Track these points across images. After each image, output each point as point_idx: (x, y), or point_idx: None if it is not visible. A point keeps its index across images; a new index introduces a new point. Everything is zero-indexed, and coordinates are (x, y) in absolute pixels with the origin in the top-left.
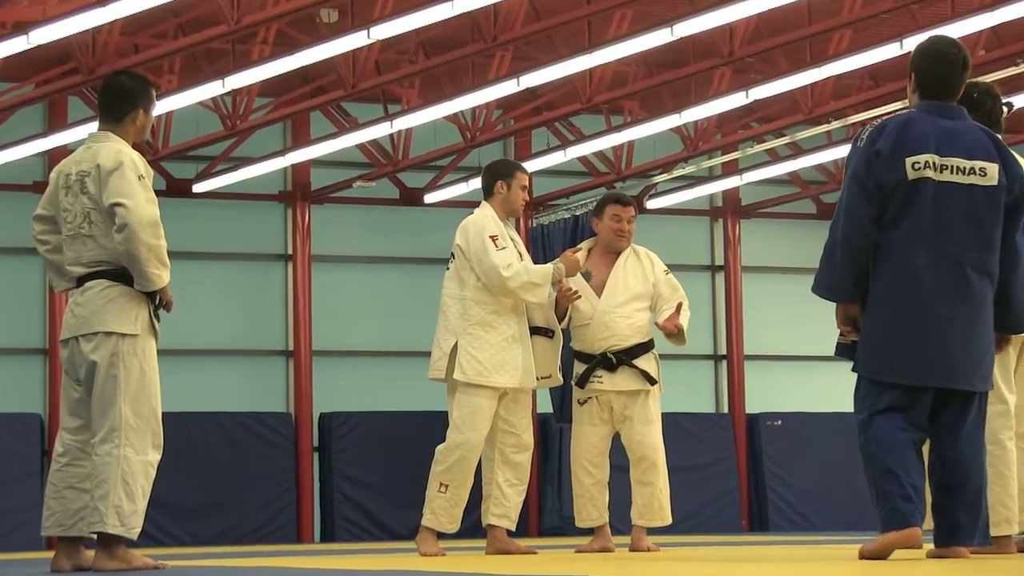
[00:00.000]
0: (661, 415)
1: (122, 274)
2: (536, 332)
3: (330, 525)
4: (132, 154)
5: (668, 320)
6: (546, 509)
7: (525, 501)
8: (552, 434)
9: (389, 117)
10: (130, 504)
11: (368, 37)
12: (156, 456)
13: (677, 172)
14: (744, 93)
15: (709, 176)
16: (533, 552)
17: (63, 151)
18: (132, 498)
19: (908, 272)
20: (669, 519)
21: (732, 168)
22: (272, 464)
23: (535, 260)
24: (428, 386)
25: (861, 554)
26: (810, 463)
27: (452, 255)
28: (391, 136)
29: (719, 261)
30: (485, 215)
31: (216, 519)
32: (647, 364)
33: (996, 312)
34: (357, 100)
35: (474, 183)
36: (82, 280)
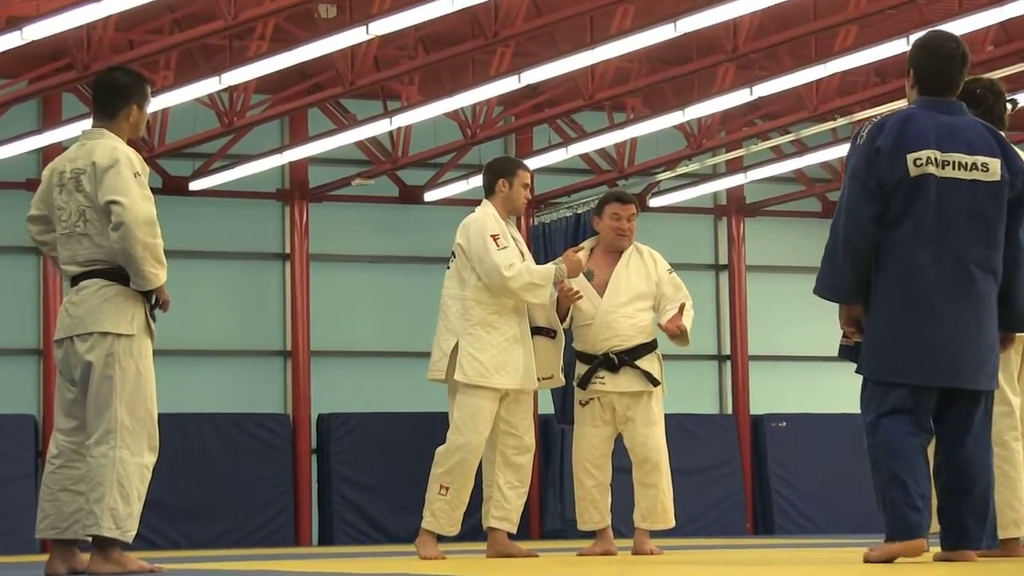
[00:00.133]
0: (664, 416)
1: (118, 273)
2: (538, 332)
3: (328, 528)
4: (128, 151)
5: (671, 321)
6: (547, 512)
7: (526, 503)
8: (554, 435)
9: (388, 114)
10: (125, 507)
11: (367, 33)
12: (152, 458)
13: (680, 170)
14: (748, 90)
15: (713, 174)
16: (534, 555)
17: (57, 148)
18: (127, 501)
19: (912, 271)
20: (672, 522)
21: (736, 166)
22: (270, 466)
23: (536, 259)
24: (428, 387)
25: (866, 559)
26: (815, 465)
27: (453, 254)
28: (390, 133)
29: (723, 260)
30: (486, 214)
31: (213, 522)
32: (650, 365)
33: (999, 310)
34: (356, 97)
35: (474, 181)
36: (77, 279)
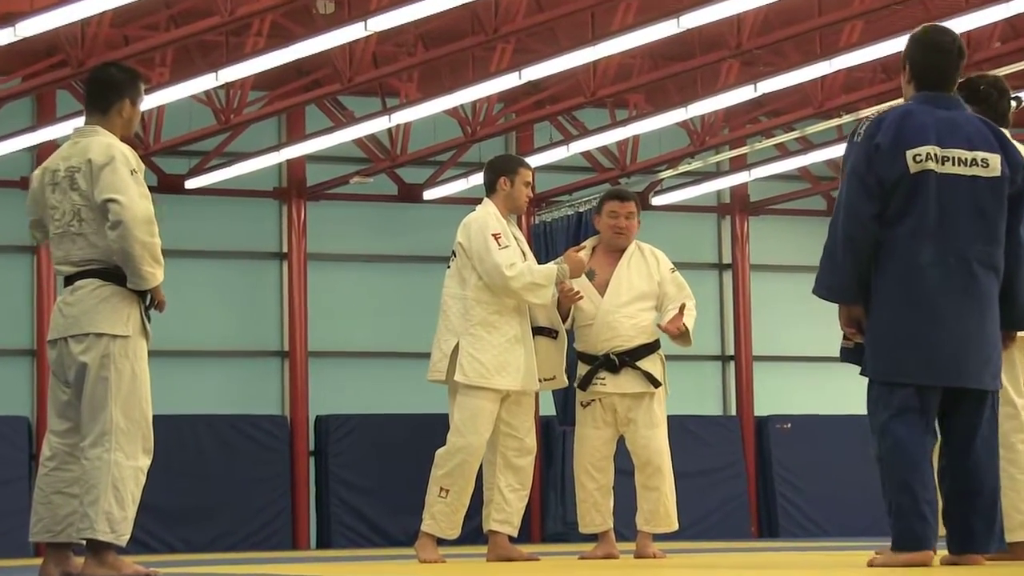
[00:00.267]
0: (667, 418)
1: (113, 273)
2: (539, 333)
3: (327, 531)
4: (123, 148)
5: (671, 322)
6: (549, 515)
7: (527, 506)
8: (555, 437)
9: (387, 111)
10: (120, 510)
11: (365, 29)
12: (146, 461)
13: (683, 168)
14: (753, 86)
15: (716, 172)
16: (536, 559)
17: (51, 146)
18: (122, 504)
19: (913, 269)
20: (675, 525)
21: (740, 164)
22: (267, 468)
23: (538, 258)
24: (428, 388)
25: (870, 563)
26: (821, 467)
27: (453, 253)
28: (389, 131)
29: (727, 259)
30: (488, 212)
31: (209, 525)
32: (651, 366)
33: (1000, 308)
34: (354, 94)
35: (474, 179)
36: (71, 279)
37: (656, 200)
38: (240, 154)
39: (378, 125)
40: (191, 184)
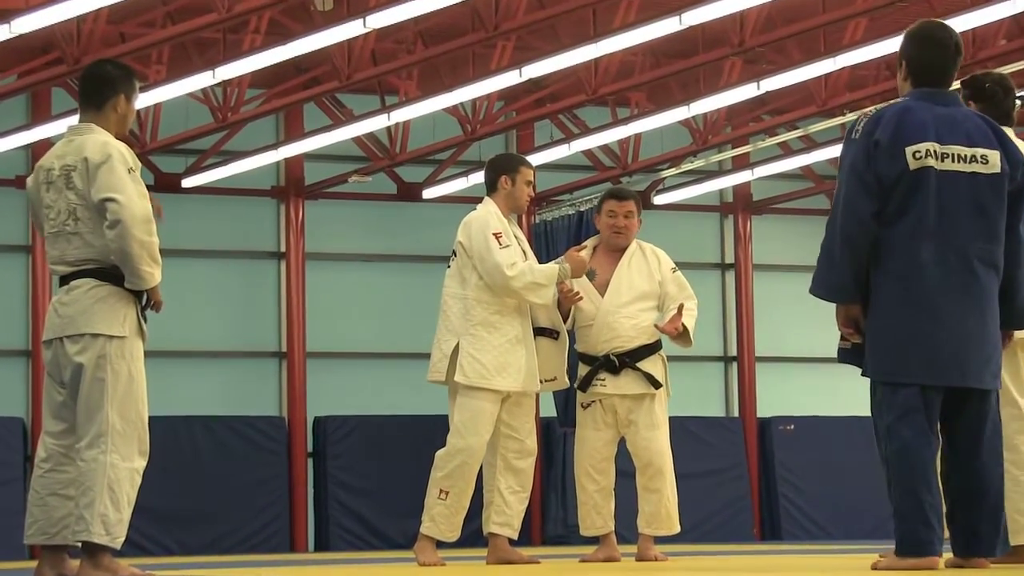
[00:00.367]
0: (669, 419)
1: (110, 273)
2: (540, 333)
3: (325, 534)
4: (119, 146)
5: (669, 323)
6: (549, 517)
7: (528, 509)
8: (556, 439)
9: (386, 109)
10: (116, 513)
11: (364, 26)
12: (142, 463)
13: (686, 166)
14: (755, 84)
15: (719, 170)
16: (536, 562)
17: (46, 144)
18: (118, 506)
19: (914, 267)
20: (677, 527)
21: (743, 162)
22: (264, 470)
23: (538, 258)
24: (427, 389)
25: (874, 567)
26: (824, 469)
27: (454, 252)
28: (388, 129)
29: (729, 259)
30: (488, 211)
31: (206, 527)
32: (652, 367)
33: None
34: (353, 91)
35: (474, 178)
36: (67, 279)
37: (658, 199)
38: (237, 152)
39: (377, 123)
40: (188, 183)
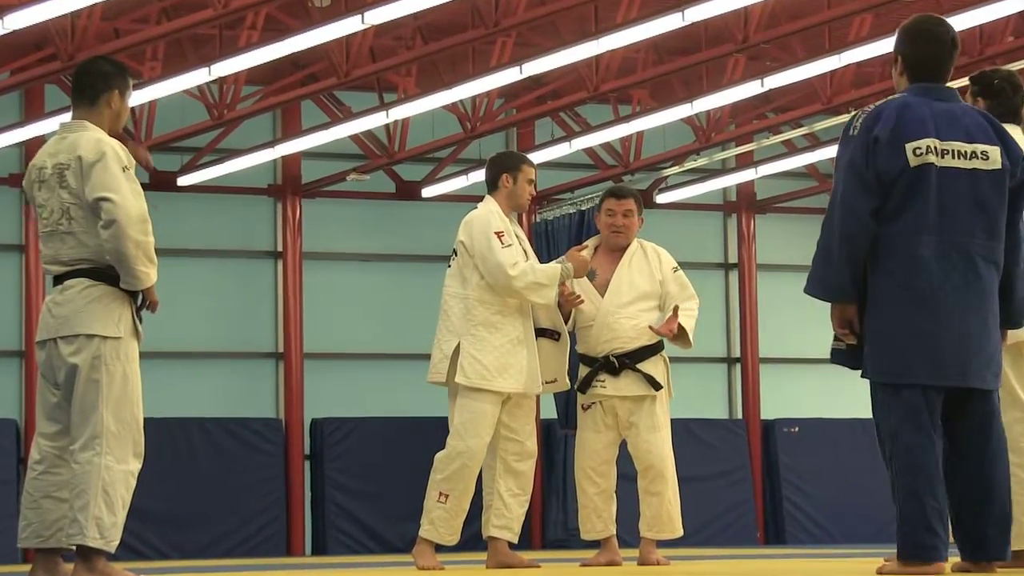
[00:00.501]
0: (671, 421)
1: (104, 273)
2: (541, 334)
3: (322, 537)
4: (113, 143)
5: (664, 325)
6: (550, 520)
7: (528, 512)
8: (556, 441)
9: (385, 106)
10: (110, 516)
11: (362, 22)
12: (137, 465)
13: (688, 165)
14: (759, 81)
15: (722, 169)
16: (536, 566)
17: (40, 142)
18: (112, 509)
19: (914, 265)
20: (680, 531)
21: (747, 160)
22: (261, 472)
23: (539, 258)
24: (426, 390)
25: (879, 571)
26: (829, 472)
27: (454, 252)
28: (387, 126)
29: (732, 259)
30: (490, 210)
31: (202, 531)
32: (653, 368)
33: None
34: (351, 88)
35: (474, 176)
36: (61, 279)
37: (660, 198)
38: (234, 150)
39: (375, 121)
40: (183, 181)
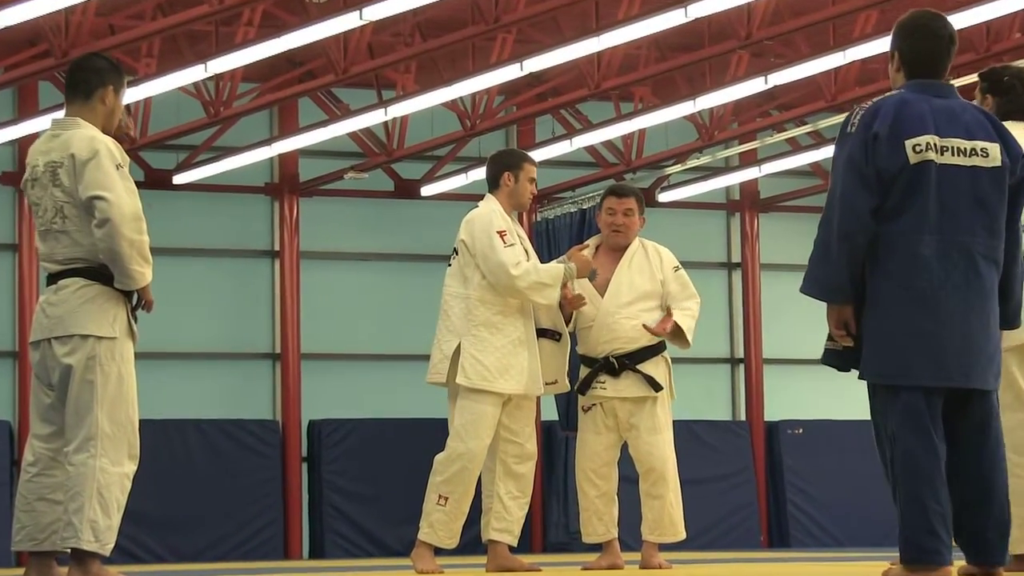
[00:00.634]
0: (673, 423)
1: (99, 272)
2: (542, 335)
3: (320, 540)
4: (107, 140)
5: (658, 325)
6: (551, 523)
7: (528, 515)
8: (557, 443)
9: (383, 104)
10: (105, 519)
11: (360, 18)
12: (132, 467)
13: (691, 163)
14: (763, 78)
15: (725, 167)
16: (537, 569)
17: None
18: (107, 512)
19: (915, 264)
20: (682, 534)
21: (750, 159)
22: (258, 475)
23: (540, 257)
24: (426, 391)
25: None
26: (834, 474)
27: (455, 251)
28: (385, 124)
29: (736, 258)
30: (491, 209)
31: (198, 534)
32: (654, 369)
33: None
34: (349, 85)
35: (473, 174)
36: (55, 278)
37: (663, 197)
38: (230, 148)
39: (374, 118)
40: (179, 179)
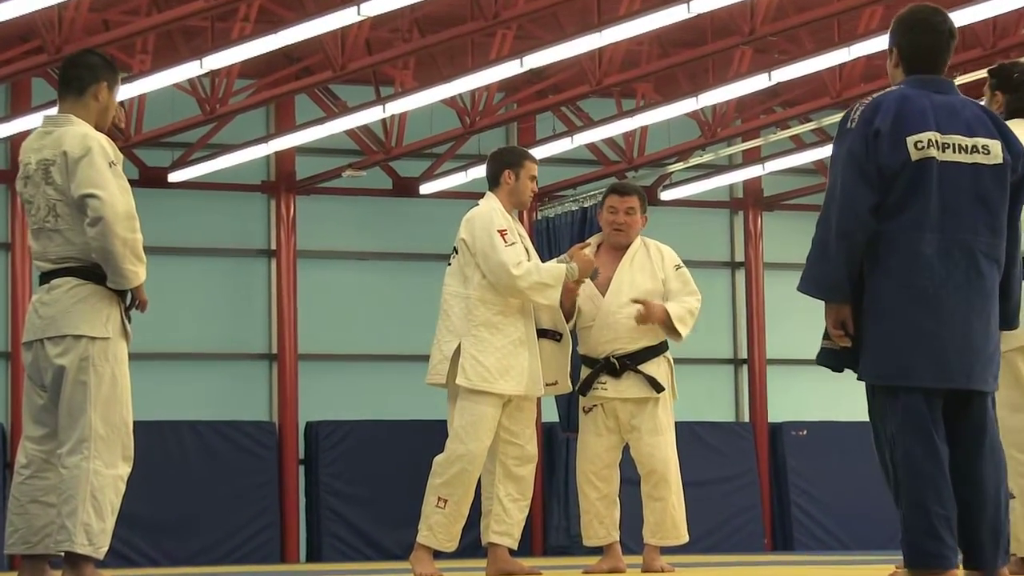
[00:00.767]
0: (676, 424)
1: (92, 271)
2: (543, 335)
3: (317, 544)
4: (100, 137)
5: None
6: (551, 526)
7: (529, 517)
8: (558, 445)
9: (381, 101)
10: (99, 522)
11: (358, 14)
12: (126, 469)
13: (694, 160)
14: (767, 75)
15: (729, 165)
16: (537, 573)
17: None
18: (101, 515)
19: (916, 262)
20: (684, 537)
21: (753, 156)
22: (254, 477)
23: (541, 256)
24: (425, 392)
25: None
26: (838, 476)
27: (455, 250)
28: (383, 121)
29: (739, 257)
30: (492, 207)
31: (193, 537)
32: (655, 369)
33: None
34: (346, 82)
35: (473, 172)
36: (48, 277)
37: (665, 195)
38: (226, 146)
39: (372, 115)
40: (174, 177)
